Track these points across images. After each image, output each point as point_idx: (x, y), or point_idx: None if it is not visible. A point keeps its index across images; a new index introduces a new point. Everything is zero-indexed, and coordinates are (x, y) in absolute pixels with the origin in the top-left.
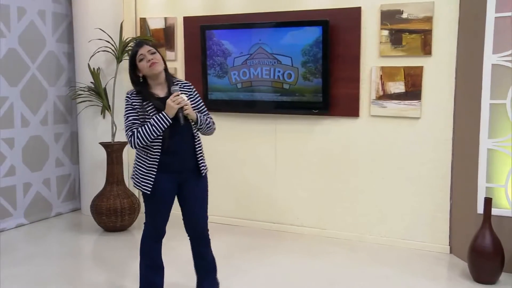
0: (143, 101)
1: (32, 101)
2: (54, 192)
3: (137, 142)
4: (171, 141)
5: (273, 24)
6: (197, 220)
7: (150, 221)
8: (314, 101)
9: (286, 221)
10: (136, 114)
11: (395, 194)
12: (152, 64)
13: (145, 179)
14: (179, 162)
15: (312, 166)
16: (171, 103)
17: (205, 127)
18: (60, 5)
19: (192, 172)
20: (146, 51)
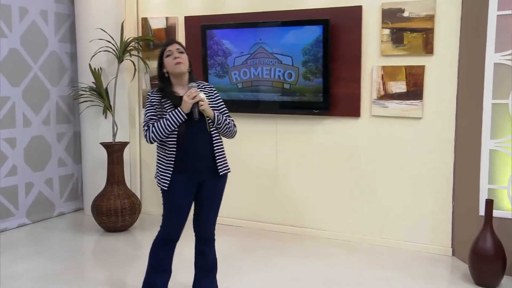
0: (162, 98)
1: (34, 101)
2: (57, 192)
3: (151, 136)
4: (186, 139)
5: (273, 24)
6: (208, 223)
7: (164, 223)
8: (314, 101)
9: (286, 222)
10: (154, 111)
11: (396, 195)
12: (177, 63)
13: (163, 176)
14: (195, 161)
15: (313, 167)
16: (186, 98)
17: (223, 127)
18: (63, 5)
19: (211, 172)
20: (175, 49)
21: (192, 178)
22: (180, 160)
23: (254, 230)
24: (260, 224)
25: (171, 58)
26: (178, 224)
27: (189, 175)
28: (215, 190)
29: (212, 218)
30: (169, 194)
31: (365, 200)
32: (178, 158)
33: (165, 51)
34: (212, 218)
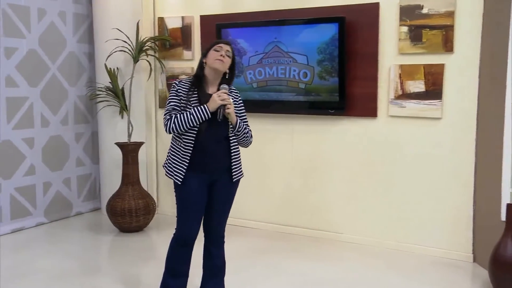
0: (190, 89)
1: (52, 101)
2: (75, 191)
3: (172, 127)
4: (205, 138)
5: (288, 22)
6: (218, 224)
7: (179, 223)
8: (330, 101)
9: (301, 224)
10: (178, 101)
11: (414, 198)
12: (218, 59)
13: (177, 170)
14: (211, 162)
15: (328, 168)
16: (216, 97)
17: (242, 135)
18: (81, 5)
19: (225, 174)
20: (225, 49)
21: (205, 177)
22: (196, 157)
23: (269, 232)
24: (275, 226)
25: (216, 53)
26: (193, 223)
27: (203, 173)
28: (227, 193)
29: (222, 220)
30: (183, 190)
31: (382, 202)
32: (194, 156)
33: (216, 45)
34: (222, 220)
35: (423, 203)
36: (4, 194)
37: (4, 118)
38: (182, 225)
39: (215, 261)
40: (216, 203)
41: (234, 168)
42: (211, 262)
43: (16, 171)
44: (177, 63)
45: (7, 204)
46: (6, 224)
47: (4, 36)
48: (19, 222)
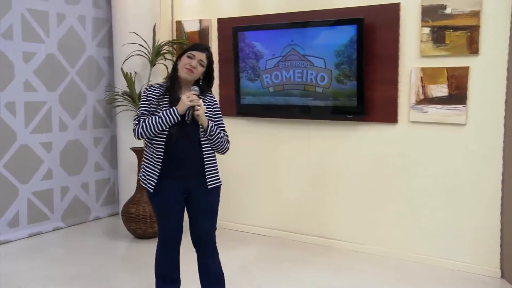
0: (160, 94)
1: (71, 106)
2: (93, 196)
3: (140, 132)
4: (175, 143)
5: (305, 24)
6: (204, 233)
7: (159, 229)
8: (348, 106)
9: (317, 233)
10: (148, 106)
11: (435, 208)
12: (187, 69)
13: (150, 178)
14: (183, 167)
15: (345, 175)
16: (185, 98)
17: (215, 139)
18: (101, 10)
19: (199, 181)
20: (198, 58)
21: (179, 184)
22: (167, 164)
23: (280, 240)
24: (287, 234)
25: (187, 60)
26: (173, 228)
27: (176, 180)
28: (205, 201)
29: (207, 229)
30: (157, 198)
31: (400, 211)
32: (165, 162)
33: (190, 51)
34: (207, 229)
35: (445, 213)
36: (21, 198)
37: (22, 123)
38: (162, 231)
39: (212, 271)
40: (196, 211)
41: (208, 174)
42: (207, 273)
43: (34, 175)
44: None
45: (24, 208)
46: (23, 228)
47: (23, 41)
48: (37, 226)
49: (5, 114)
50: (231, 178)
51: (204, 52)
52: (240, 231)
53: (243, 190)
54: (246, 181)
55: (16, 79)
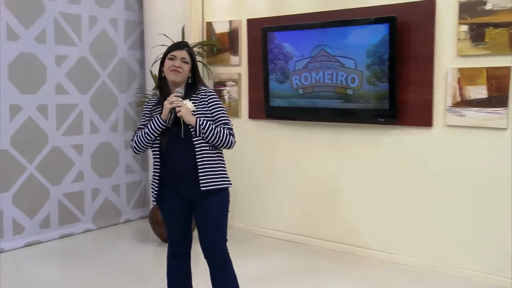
0: (154, 106)
1: (102, 108)
2: (124, 198)
3: (134, 146)
4: (168, 150)
5: (335, 24)
6: (209, 241)
7: (168, 239)
8: (380, 109)
9: (348, 241)
10: (144, 120)
11: (475, 219)
12: (173, 71)
13: (152, 190)
14: (176, 175)
15: (378, 182)
16: (166, 102)
17: (211, 136)
18: (133, 12)
19: (197, 188)
20: (180, 56)
21: (179, 192)
22: (164, 173)
23: (310, 247)
24: (317, 241)
25: (170, 63)
26: (178, 239)
27: (175, 189)
28: (210, 208)
29: (216, 240)
30: (160, 208)
31: (438, 221)
32: (162, 171)
33: (170, 53)
34: (215, 240)
35: (486, 224)
36: (52, 200)
37: (54, 125)
38: (170, 240)
39: (225, 284)
40: (199, 221)
41: (201, 177)
42: (219, 286)
43: (65, 177)
44: (224, 68)
45: (55, 210)
46: (55, 229)
47: (56, 44)
48: (67, 228)
49: (37, 117)
50: (258, 181)
51: (184, 49)
52: (265, 236)
53: (270, 194)
54: (273, 185)
55: (48, 82)
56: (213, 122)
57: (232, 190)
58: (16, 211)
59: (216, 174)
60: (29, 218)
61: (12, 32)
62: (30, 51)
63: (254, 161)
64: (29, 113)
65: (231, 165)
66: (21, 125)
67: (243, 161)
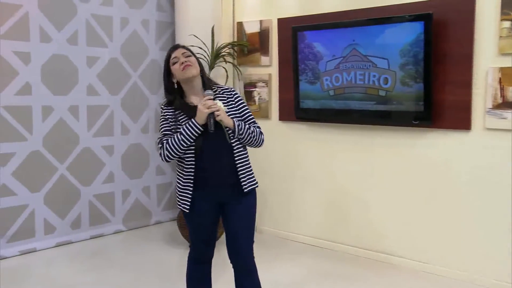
0: (175, 110)
1: (133, 109)
2: (154, 200)
3: (166, 155)
4: (205, 154)
5: (367, 22)
6: (241, 249)
7: (191, 242)
8: (414, 110)
9: (377, 248)
10: (168, 126)
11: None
12: (184, 67)
13: (183, 197)
14: (215, 177)
15: (411, 187)
16: (201, 107)
17: (247, 137)
18: (165, 13)
19: (233, 189)
20: (180, 54)
21: (214, 196)
22: (198, 177)
23: (334, 253)
24: (346, 248)
25: (177, 65)
26: (204, 245)
27: (210, 193)
28: (242, 209)
29: (246, 244)
30: (191, 216)
31: (475, 231)
32: (197, 175)
33: (170, 58)
34: (245, 244)
35: None
36: (83, 201)
37: (85, 126)
38: (195, 246)
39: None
40: (234, 225)
41: (242, 178)
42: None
43: (96, 178)
44: (255, 69)
45: (86, 210)
46: (85, 230)
47: (87, 46)
48: (98, 228)
49: (68, 118)
50: (288, 184)
51: (179, 47)
52: (293, 240)
53: (299, 198)
54: (302, 188)
55: (79, 83)
56: (242, 118)
57: (261, 192)
58: (48, 211)
59: (251, 173)
60: (60, 218)
61: (45, 34)
62: (62, 53)
63: (284, 164)
64: (60, 114)
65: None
66: (53, 126)
67: (273, 163)
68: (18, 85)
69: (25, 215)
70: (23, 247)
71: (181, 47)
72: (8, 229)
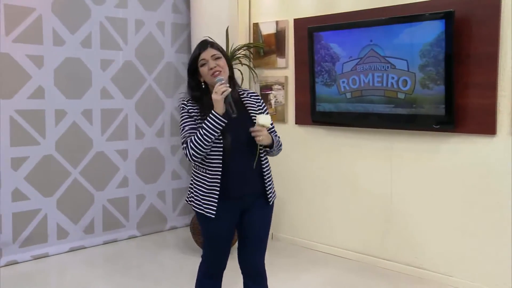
0: (201, 108)
1: (148, 113)
2: (169, 205)
3: (192, 153)
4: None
5: (385, 21)
6: (255, 255)
7: (206, 254)
8: (435, 114)
9: (401, 260)
10: (194, 123)
11: None
12: (214, 73)
13: (207, 202)
14: (243, 184)
15: (435, 195)
16: (215, 95)
17: (277, 151)
18: (181, 15)
19: (258, 198)
20: (210, 56)
21: (236, 204)
22: (224, 183)
23: (362, 265)
24: (370, 259)
25: (206, 68)
26: (221, 257)
27: (234, 202)
28: (263, 217)
29: (261, 250)
30: (212, 224)
31: (504, 242)
32: (224, 180)
33: (199, 59)
34: (260, 250)
35: None
36: (97, 205)
37: (99, 130)
38: (209, 258)
39: None
40: (253, 231)
41: (269, 190)
42: None
43: (109, 182)
44: (270, 71)
45: (99, 215)
46: (99, 235)
47: (101, 49)
48: (111, 234)
49: (82, 122)
50: (305, 190)
51: (207, 46)
52: (312, 249)
53: (317, 204)
54: (320, 195)
55: (93, 87)
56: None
57: (278, 197)
58: (61, 216)
59: (272, 183)
60: (73, 223)
61: (58, 37)
62: (76, 56)
63: (301, 169)
64: (74, 118)
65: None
66: (66, 130)
67: (290, 168)
68: (31, 89)
69: (38, 219)
70: (35, 252)
71: (210, 47)
72: (20, 234)
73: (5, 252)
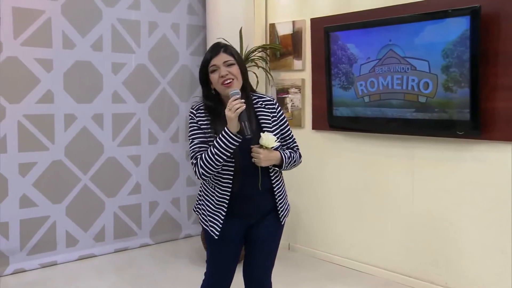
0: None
1: (162, 117)
2: (184, 212)
3: (202, 173)
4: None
5: (404, 19)
6: (262, 273)
7: (210, 271)
8: (459, 119)
9: (424, 277)
10: (203, 136)
11: None
12: (224, 83)
13: (213, 220)
14: (250, 204)
15: (461, 207)
16: (228, 112)
17: (288, 167)
18: (197, 17)
19: (267, 215)
20: (221, 63)
21: (244, 223)
22: (234, 203)
23: (386, 282)
24: (394, 275)
25: (216, 75)
26: (226, 274)
27: (241, 219)
28: (271, 233)
29: (266, 266)
30: (217, 242)
31: None
32: (233, 200)
33: (209, 65)
34: (265, 266)
35: None
36: (108, 213)
37: (110, 135)
38: (213, 275)
39: None
40: (257, 247)
41: (280, 208)
42: None
43: (121, 189)
44: (287, 74)
45: (110, 223)
46: (109, 243)
47: (112, 52)
48: (123, 242)
49: (92, 126)
50: (323, 199)
51: (221, 51)
52: (330, 262)
53: (335, 214)
54: (338, 204)
55: (104, 91)
56: (283, 139)
57: (294, 207)
58: (70, 223)
59: (287, 198)
60: (83, 230)
61: (68, 40)
62: (86, 59)
63: (319, 177)
64: (84, 123)
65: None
66: (76, 135)
67: (307, 176)
68: (39, 93)
69: (46, 227)
70: (43, 260)
71: (223, 52)
72: (28, 241)
73: (13, 260)
